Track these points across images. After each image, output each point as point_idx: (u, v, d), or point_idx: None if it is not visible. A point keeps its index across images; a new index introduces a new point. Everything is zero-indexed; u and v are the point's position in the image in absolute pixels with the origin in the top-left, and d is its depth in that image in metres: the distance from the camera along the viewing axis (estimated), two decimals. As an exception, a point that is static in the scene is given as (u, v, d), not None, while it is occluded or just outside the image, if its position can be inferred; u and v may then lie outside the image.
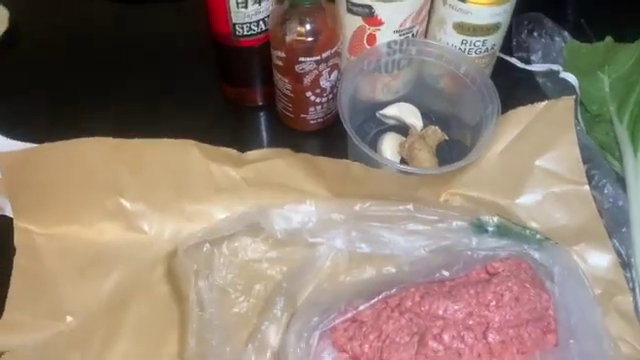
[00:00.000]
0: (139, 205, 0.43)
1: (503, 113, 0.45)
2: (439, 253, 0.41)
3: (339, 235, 0.41)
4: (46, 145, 0.40)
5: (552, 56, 0.52)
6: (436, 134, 0.48)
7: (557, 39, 0.53)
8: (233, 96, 0.53)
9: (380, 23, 0.44)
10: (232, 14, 0.44)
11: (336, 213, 0.42)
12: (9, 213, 0.42)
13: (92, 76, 0.55)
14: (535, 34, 0.53)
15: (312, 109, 0.49)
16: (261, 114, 0.53)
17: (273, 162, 0.44)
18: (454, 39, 0.46)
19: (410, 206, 0.41)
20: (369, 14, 0.43)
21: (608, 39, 0.52)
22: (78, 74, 0.55)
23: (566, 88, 0.50)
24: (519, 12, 0.54)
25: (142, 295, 0.41)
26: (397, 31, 0.44)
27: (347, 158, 0.47)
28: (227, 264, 0.42)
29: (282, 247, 0.43)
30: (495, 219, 0.41)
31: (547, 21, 0.53)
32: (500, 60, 0.52)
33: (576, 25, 0.57)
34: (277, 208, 0.41)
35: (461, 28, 0.45)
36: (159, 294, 0.41)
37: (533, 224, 0.44)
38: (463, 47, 0.46)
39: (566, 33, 0.53)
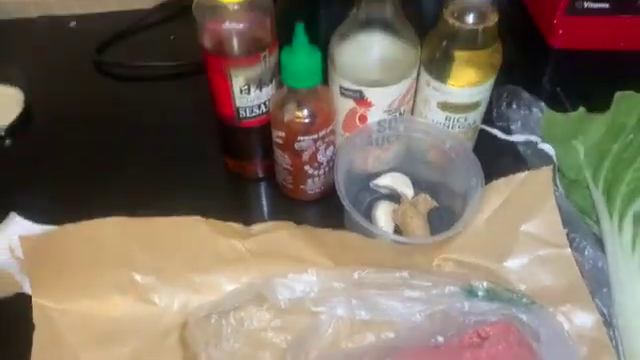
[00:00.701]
0: (150, 278, 0.46)
1: (488, 181, 0.49)
2: (434, 318, 0.43)
3: (340, 303, 0.44)
4: (64, 227, 0.43)
5: (530, 126, 0.56)
6: (426, 202, 0.52)
7: (535, 110, 0.57)
8: (235, 169, 0.57)
9: (370, 105, 0.48)
10: (236, 99, 0.48)
11: (336, 281, 0.45)
12: (28, 290, 0.45)
13: (98, 154, 0.59)
14: (514, 105, 0.57)
15: (310, 181, 0.52)
16: (262, 185, 0.57)
17: (276, 234, 0.47)
18: (438, 116, 0.50)
19: (405, 273, 0.44)
20: (360, 97, 0.47)
21: (581, 109, 0.56)
22: (89, 151, 0.59)
23: (545, 156, 0.54)
24: (499, 85, 0.59)
25: (154, 365, 0.43)
26: (386, 111, 0.49)
27: (344, 225, 0.51)
28: (234, 334, 0.44)
29: (286, 316, 0.45)
30: (485, 284, 0.44)
31: (524, 93, 0.58)
32: (483, 130, 0.56)
33: (552, 95, 0.62)
34: (280, 278, 0.44)
35: (444, 107, 0.49)
36: (170, 364, 0.43)
37: (522, 286, 0.47)
38: (447, 123, 0.50)
39: (543, 104, 0.58)
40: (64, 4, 0.73)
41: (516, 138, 0.55)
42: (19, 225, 0.44)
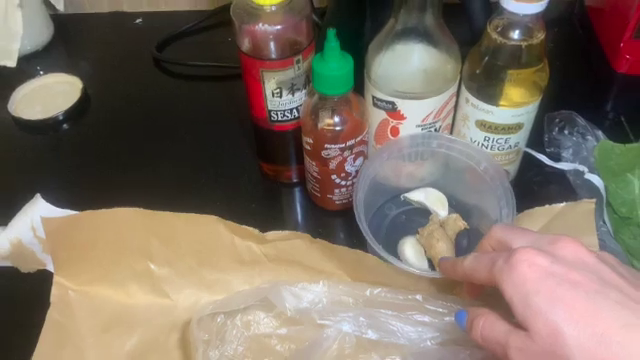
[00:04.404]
0: (165, 271, 0.47)
1: (532, 207, 0.46)
2: (445, 347, 0.41)
3: (347, 319, 0.42)
4: (87, 212, 0.45)
5: (583, 154, 0.52)
6: (457, 223, 0.49)
7: (589, 138, 0.53)
8: (269, 172, 0.57)
9: (402, 118, 0.46)
10: (268, 102, 0.48)
11: (346, 296, 0.43)
12: (50, 268, 0.47)
13: (142, 145, 0.61)
14: (566, 132, 0.53)
15: (337, 191, 0.51)
16: (293, 191, 0.56)
17: (293, 242, 0.46)
18: (477, 135, 0.47)
19: (419, 296, 0.42)
20: (392, 109, 0.46)
21: (640, 142, 0.51)
22: (129, 143, 0.61)
23: (596, 187, 0.50)
24: (552, 108, 0.55)
25: (157, 359, 0.44)
26: (419, 125, 0.47)
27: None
28: (239, 337, 0.44)
29: (292, 325, 0.44)
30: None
31: (579, 119, 0.54)
32: (530, 154, 0.53)
33: (613, 123, 0.57)
34: (289, 285, 0.43)
35: (483, 126, 0.46)
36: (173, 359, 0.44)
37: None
38: (486, 143, 0.47)
39: (600, 132, 0.53)
40: (133, 1, 0.76)
41: (563, 166, 0.51)
42: (42, 207, 0.46)
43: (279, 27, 0.44)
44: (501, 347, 0.31)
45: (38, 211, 0.45)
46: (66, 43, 0.74)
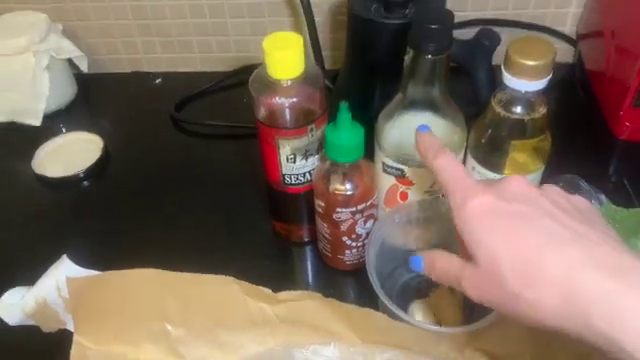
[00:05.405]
0: (181, 331, 0.48)
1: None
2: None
3: (358, 382, 0.43)
4: (107, 273, 0.46)
5: (587, 218, 0.53)
6: (465, 286, 0.50)
7: (593, 202, 0.54)
8: (281, 231, 0.59)
9: (411, 183, 0.48)
10: (282, 166, 0.50)
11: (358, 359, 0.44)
12: (70, 328, 0.48)
13: (160, 202, 0.63)
14: (570, 196, 0.55)
15: (348, 252, 0.52)
16: (305, 250, 0.58)
17: (304, 303, 0.47)
18: (483, 200, 0.49)
19: (429, 360, 0.43)
20: (401, 175, 0.48)
21: (644, 206, 0.53)
22: (148, 200, 0.63)
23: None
24: (557, 171, 0.57)
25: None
26: (427, 191, 0.48)
27: (379, 298, 0.50)
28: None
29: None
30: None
31: (582, 183, 0.55)
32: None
33: (616, 188, 0.59)
34: (301, 348, 0.44)
35: (489, 192, 0.48)
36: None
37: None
38: (492, 208, 0.49)
39: (603, 196, 0.55)
40: (153, 62, 0.80)
41: (567, 230, 0.52)
42: (68, 267, 0.48)
43: (294, 99, 0.47)
44: (456, 279, 0.35)
45: (64, 271, 0.47)
46: (88, 102, 0.78)
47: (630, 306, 0.28)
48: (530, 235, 0.32)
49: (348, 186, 0.48)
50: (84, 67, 0.77)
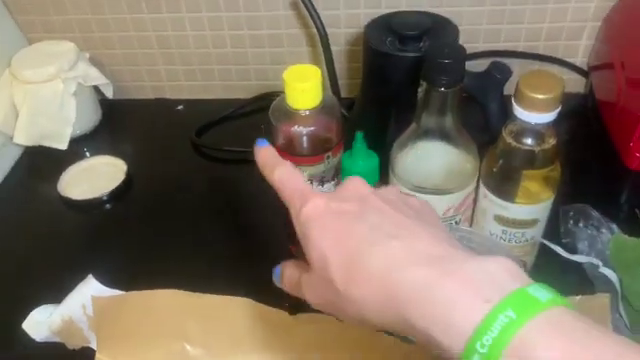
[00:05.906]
0: (199, 351, 0.49)
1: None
2: None
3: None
4: (130, 293, 0.48)
5: (598, 247, 0.54)
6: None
7: (604, 231, 0.55)
8: (298, 255, 0.60)
9: (424, 211, 0.49)
10: (299, 192, 0.52)
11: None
12: (93, 346, 0.50)
13: (180, 224, 0.65)
14: (581, 225, 0.56)
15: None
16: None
17: (321, 326, 0.49)
18: (495, 228, 0.50)
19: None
20: (415, 203, 0.49)
21: (655, 235, 0.54)
22: (168, 222, 0.65)
23: (610, 280, 0.52)
24: (568, 201, 0.58)
25: None
26: (440, 218, 0.50)
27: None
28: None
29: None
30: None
31: (593, 212, 0.56)
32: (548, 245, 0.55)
33: (627, 217, 0.59)
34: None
35: (501, 220, 0.49)
36: None
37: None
38: (504, 236, 0.50)
39: (614, 225, 0.56)
40: (176, 89, 0.83)
41: (578, 258, 0.53)
42: (94, 287, 0.50)
43: (312, 128, 0.49)
44: (297, 286, 0.35)
45: (90, 290, 0.49)
46: (112, 127, 0.80)
47: (440, 296, 0.27)
48: (357, 232, 0.31)
49: (363, 212, 0.50)
50: (109, 94, 0.80)
